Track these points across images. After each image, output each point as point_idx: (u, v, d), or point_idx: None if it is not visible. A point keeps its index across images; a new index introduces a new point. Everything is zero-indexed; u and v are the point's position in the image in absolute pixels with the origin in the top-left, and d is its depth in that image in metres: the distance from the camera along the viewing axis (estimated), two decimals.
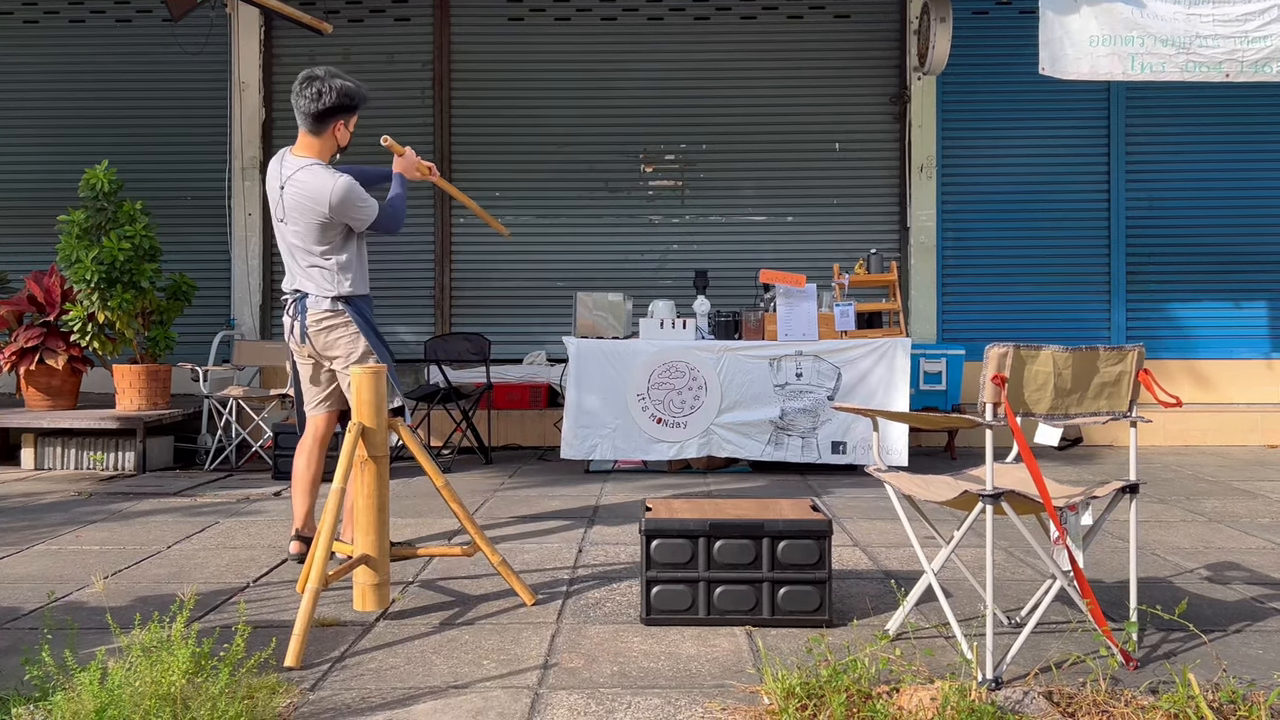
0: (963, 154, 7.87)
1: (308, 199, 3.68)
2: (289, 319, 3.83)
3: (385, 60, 7.97)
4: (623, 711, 2.37)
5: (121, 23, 8.06)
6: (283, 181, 3.75)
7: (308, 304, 3.77)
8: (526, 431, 7.18)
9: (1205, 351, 7.76)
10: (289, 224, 3.76)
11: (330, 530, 2.94)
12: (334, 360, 3.83)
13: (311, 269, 3.77)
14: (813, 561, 2.98)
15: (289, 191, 3.73)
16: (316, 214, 3.68)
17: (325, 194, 3.65)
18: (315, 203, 3.67)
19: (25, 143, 8.09)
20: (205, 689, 2.24)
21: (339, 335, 3.78)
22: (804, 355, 5.80)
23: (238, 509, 4.93)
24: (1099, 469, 6.11)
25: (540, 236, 7.96)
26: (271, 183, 3.82)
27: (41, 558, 3.92)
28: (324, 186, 3.65)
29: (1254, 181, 7.82)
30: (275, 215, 3.83)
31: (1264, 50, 6.02)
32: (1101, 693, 2.37)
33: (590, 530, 4.39)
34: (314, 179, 3.67)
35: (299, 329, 3.80)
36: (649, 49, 7.97)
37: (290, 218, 3.75)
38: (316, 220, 3.69)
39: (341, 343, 3.78)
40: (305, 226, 3.71)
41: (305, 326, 3.78)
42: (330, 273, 3.77)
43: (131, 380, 6.36)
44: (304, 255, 3.76)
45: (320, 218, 3.69)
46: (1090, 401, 2.66)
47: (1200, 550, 3.99)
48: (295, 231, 3.74)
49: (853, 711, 2.27)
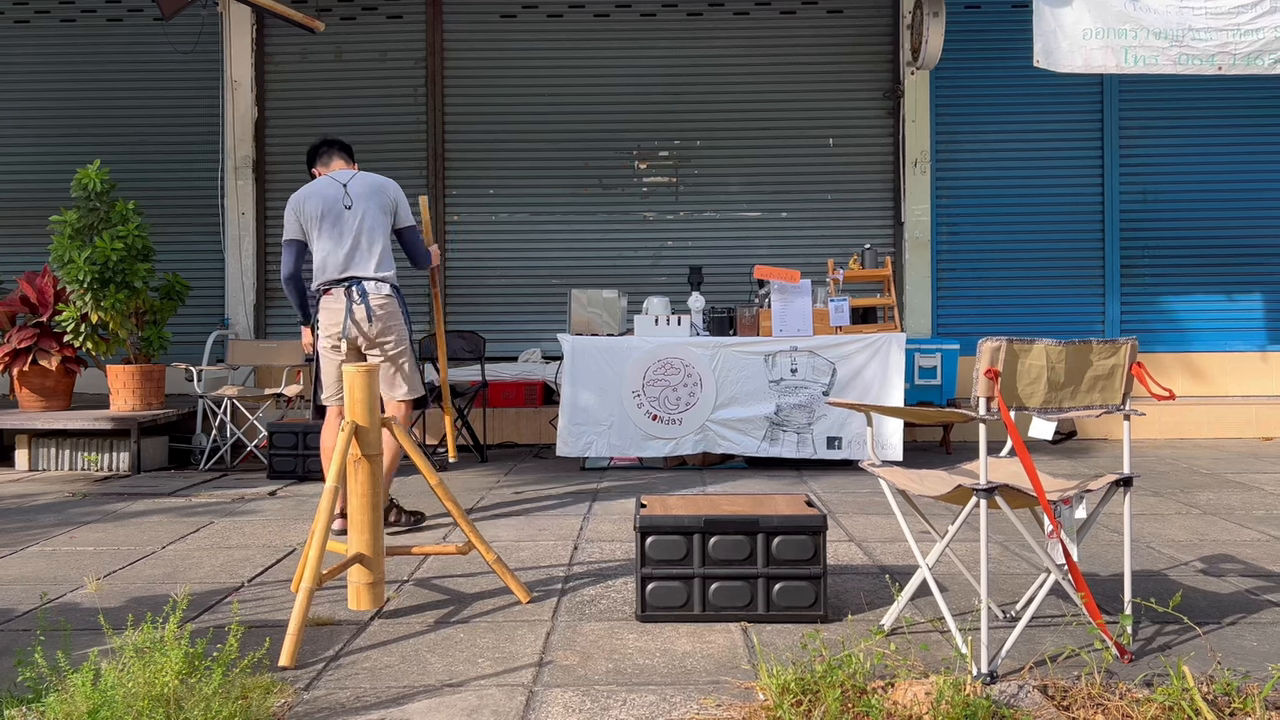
0: (957, 148, 7.87)
1: (375, 188, 4.34)
2: (343, 302, 4.22)
3: (378, 58, 7.96)
4: (618, 708, 2.37)
5: (113, 22, 8.04)
6: (345, 181, 4.34)
7: (368, 287, 4.23)
8: (522, 429, 7.17)
9: (1200, 344, 7.77)
10: (356, 209, 4.28)
11: (324, 529, 2.94)
12: (385, 344, 4.28)
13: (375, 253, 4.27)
14: (808, 557, 2.98)
15: (354, 184, 4.33)
16: (385, 196, 4.34)
17: (389, 184, 4.41)
18: (382, 190, 4.35)
19: (17, 143, 8.06)
20: (199, 689, 2.23)
21: (396, 321, 4.29)
22: (799, 351, 5.80)
23: (232, 509, 4.92)
24: (1093, 462, 6.11)
25: (534, 234, 7.95)
26: (327, 190, 4.32)
27: (35, 559, 3.91)
28: (385, 180, 4.42)
29: (1248, 174, 7.83)
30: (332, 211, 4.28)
31: (1256, 43, 6.03)
32: (1096, 686, 2.38)
33: (585, 527, 4.39)
34: (374, 176, 4.41)
35: (364, 310, 4.21)
36: (642, 45, 7.96)
37: (357, 204, 4.29)
38: (381, 204, 4.32)
39: (396, 326, 4.29)
40: (376, 209, 4.29)
41: (371, 308, 4.21)
42: (388, 260, 4.32)
43: (125, 380, 6.35)
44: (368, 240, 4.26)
45: (387, 200, 4.34)
46: (1084, 395, 2.66)
47: (1195, 543, 4.00)
48: (365, 214, 4.27)
49: (848, 707, 2.27)
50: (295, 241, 4.36)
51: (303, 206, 4.32)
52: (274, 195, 7.97)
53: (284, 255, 4.37)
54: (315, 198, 4.30)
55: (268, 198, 7.98)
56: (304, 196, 4.33)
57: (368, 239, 4.25)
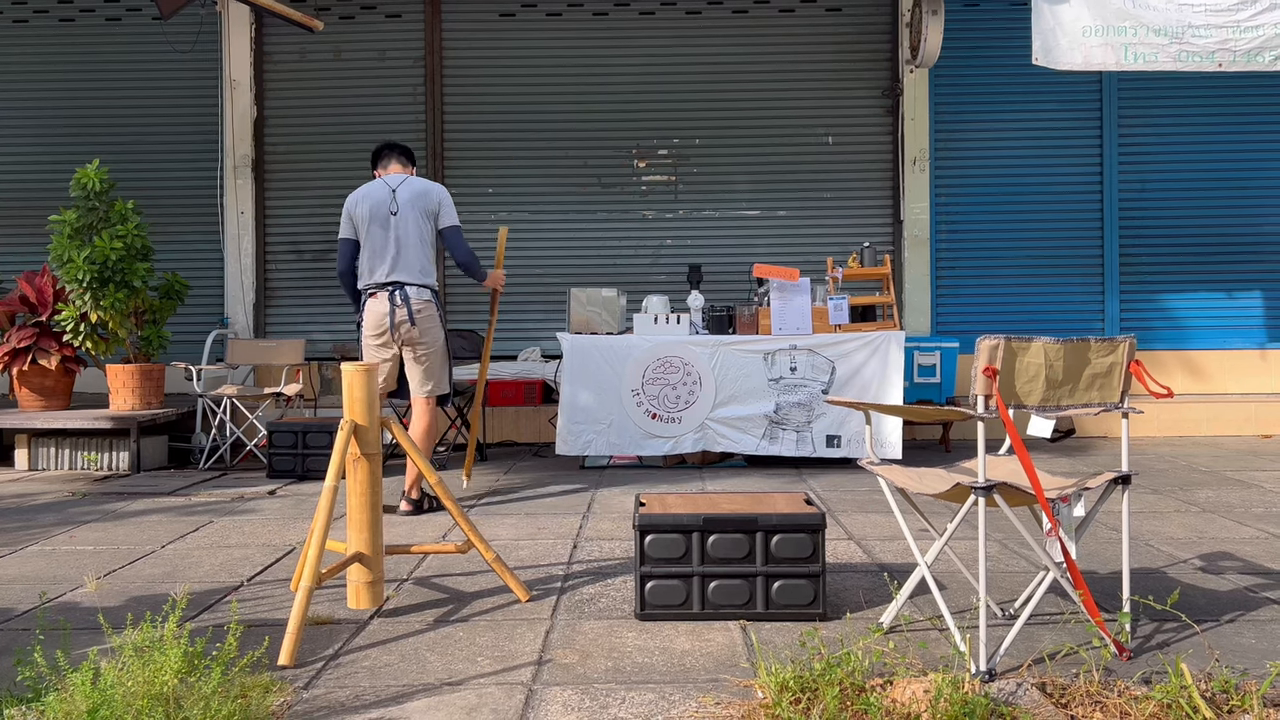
0: (956, 146, 7.87)
1: (419, 193, 4.66)
2: (386, 306, 4.59)
3: (376, 57, 7.96)
4: (617, 706, 2.37)
5: (111, 21, 8.03)
6: (395, 186, 4.67)
7: (410, 293, 4.60)
8: (521, 428, 7.18)
9: (1199, 342, 7.78)
10: (401, 215, 4.61)
11: (324, 528, 2.94)
12: (421, 345, 4.64)
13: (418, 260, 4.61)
14: (806, 555, 2.98)
15: (402, 190, 4.66)
16: (429, 200, 4.66)
17: (433, 188, 4.72)
18: (425, 194, 4.67)
19: (16, 143, 8.06)
20: (198, 688, 2.24)
21: (433, 324, 4.66)
22: (798, 349, 5.80)
23: (232, 508, 4.92)
24: (1092, 460, 6.12)
25: (533, 233, 7.95)
26: (377, 194, 4.67)
27: (35, 558, 3.92)
28: (430, 185, 4.74)
29: (1247, 171, 7.83)
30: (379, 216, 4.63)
31: (1256, 40, 6.03)
32: (1095, 683, 2.38)
33: (585, 526, 4.39)
34: (421, 181, 4.75)
35: (407, 313, 4.58)
36: (641, 44, 7.96)
37: (403, 211, 4.63)
38: (425, 208, 4.63)
39: (432, 329, 4.65)
40: (419, 214, 4.62)
41: (413, 311, 4.58)
42: (430, 266, 4.66)
43: (125, 380, 6.35)
44: (411, 246, 4.60)
45: (430, 205, 4.65)
46: (1082, 393, 2.66)
47: (1193, 541, 4.00)
48: (410, 220, 4.61)
49: (846, 705, 2.27)
50: (348, 240, 4.75)
51: (355, 209, 4.71)
52: (273, 194, 7.97)
53: (339, 252, 4.79)
54: (366, 201, 4.68)
55: (267, 197, 7.98)
56: (357, 199, 4.72)
57: (410, 245, 4.61)
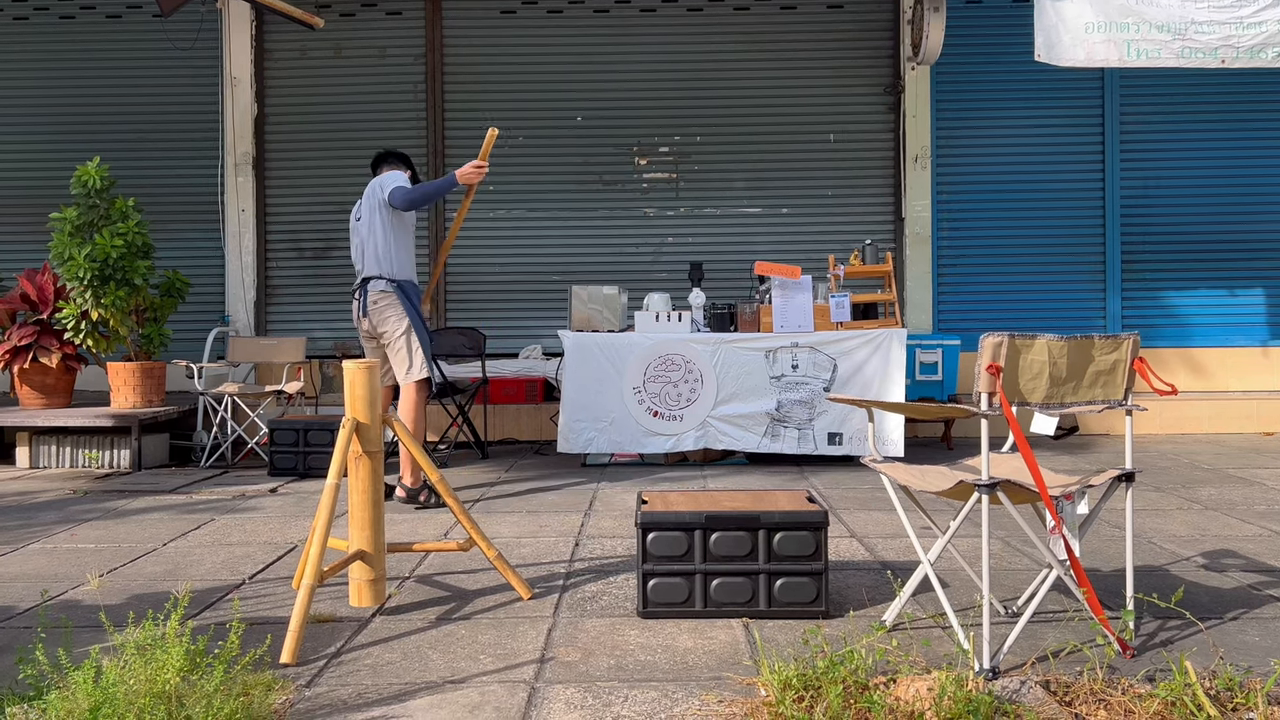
0: (957, 143, 7.85)
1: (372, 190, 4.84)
2: (355, 302, 4.86)
3: (377, 54, 7.95)
4: (619, 704, 2.37)
5: (112, 18, 8.02)
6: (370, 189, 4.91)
7: (369, 286, 4.79)
8: (523, 426, 7.17)
9: (1201, 339, 7.77)
10: (363, 217, 4.85)
11: (326, 526, 2.93)
12: (383, 334, 4.79)
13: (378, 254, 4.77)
14: (809, 553, 2.97)
15: (366, 191, 4.88)
16: (378, 193, 4.77)
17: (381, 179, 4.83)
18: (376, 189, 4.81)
19: (16, 140, 8.05)
20: (200, 686, 2.23)
21: (389, 314, 4.76)
22: (800, 347, 5.80)
23: (233, 506, 4.92)
24: (1095, 458, 6.11)
25: (534, 230, 7.94)
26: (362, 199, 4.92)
27: (36, 556, 3.91)
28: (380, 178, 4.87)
29: (1249, 169, 7.81)
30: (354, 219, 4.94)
31: (1259, 36, 6.01)
32: (1098, 681, 2.37)
33: (586, 524, 4.39)
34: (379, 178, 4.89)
35: (362, 307, 4.80)
36: (642, 41, 7.95)
37: (363, 212, 4.85)
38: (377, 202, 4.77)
39: (389, 319, 4.76)
40: (371, 209, 4.79)
41: (368, 303, 4.77)
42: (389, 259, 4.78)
43: (126, 378, 6.35)
44: (371, 243, 4.78)
45: (379, 197, 4.76)
46: (1085, 390, 2.65)
47: (1197, 538, 3.99)
48: (367, 219, 4.81)
49: (849, 702, 2.26)
50: None
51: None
52: (274, 192, 7.96)
53: None
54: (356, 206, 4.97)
55: (268, 194, 7.97)
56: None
57: (373, 242, 4.80)
